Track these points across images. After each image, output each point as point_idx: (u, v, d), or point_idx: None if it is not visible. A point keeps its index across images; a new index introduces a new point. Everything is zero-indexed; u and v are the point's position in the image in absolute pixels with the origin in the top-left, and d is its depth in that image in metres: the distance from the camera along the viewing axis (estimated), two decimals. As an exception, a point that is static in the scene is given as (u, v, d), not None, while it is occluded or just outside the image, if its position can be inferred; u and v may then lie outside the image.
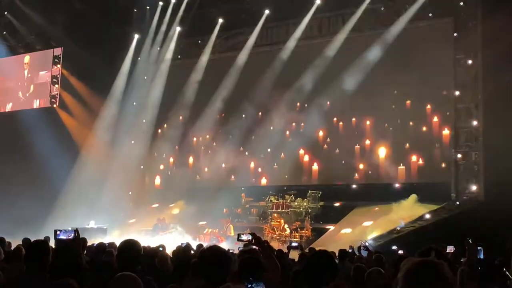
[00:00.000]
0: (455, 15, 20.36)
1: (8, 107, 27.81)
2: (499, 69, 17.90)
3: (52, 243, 6.09)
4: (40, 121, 24.64)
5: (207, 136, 25.80)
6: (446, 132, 20.76)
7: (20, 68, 27.62)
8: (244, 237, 6.09)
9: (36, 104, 26.94)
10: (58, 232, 5.86)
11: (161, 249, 9.73)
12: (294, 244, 11.83)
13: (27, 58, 27.48)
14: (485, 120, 19.17)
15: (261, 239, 5.26)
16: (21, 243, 9.15)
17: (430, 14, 20.88)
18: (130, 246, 4.75)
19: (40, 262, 4.74)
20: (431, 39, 20.71)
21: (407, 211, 19.53)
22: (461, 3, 20.17)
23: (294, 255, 10.95)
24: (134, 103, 25.68)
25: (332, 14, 22.64)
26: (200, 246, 11.32)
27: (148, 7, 24.95)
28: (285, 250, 10.65)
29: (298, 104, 23.43)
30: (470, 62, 19.83)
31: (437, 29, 20.91)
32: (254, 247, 5.28)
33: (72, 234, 5.74)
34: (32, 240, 5.89)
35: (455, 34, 20.32)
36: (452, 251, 9.57)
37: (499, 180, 17.13)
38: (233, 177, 24.85)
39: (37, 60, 27.16)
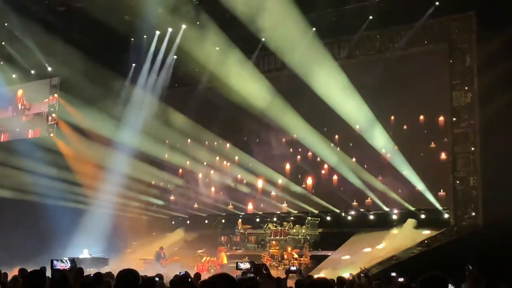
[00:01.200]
0: (450, 41, 20.52)
1: (3, 137, 27.75)
2: (495, 94, 18.01)
3: (48, 273, 6.03)
4: (36, 150, 24.60)
5: (205, 163, 25.74)
6: (443, 157, 20.76)
7: (16, 98, 27.66)
8: (242, 266, 6.00)
9: (32, 133, 26.92)
10: (54, 262, 5.80)
11: (157, 279, 9.63)
12: (293, 268, 11.64)
13: (20, 91, 27.52)
14: (483, 145, 19.20)
15: (259, 267, 5.21)
16: (17, 273, 9.06)
17: (425, 41, 21.05)
18: (128, 275, 4.70)
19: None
20: (426, 65, 20.84)
21: (406, 237, 19.46)
22: (456, 30, 20.36)
23: (292, 283, 10.81)
24: (132, 131, 25.67)
25: (328, 41, 22.78)
26: (197, 275, 11.21)
27: (145, 36, 25.08)
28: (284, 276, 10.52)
29: (295, 130, 23.40)
30: (466, 87, 19.94)
31: (432, 55, 21.06)
32: (252, 275, 5.23)
33: (69, 264, 5.67)
34: (28, 270, 5.83)
35: (450, 60, 20.47)
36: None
37: (498, 205, 17.10)
38: (230, 204, 24.77)
39: (34, 89, 27.18)
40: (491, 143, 18.46)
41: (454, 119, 20.20)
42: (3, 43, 25.77)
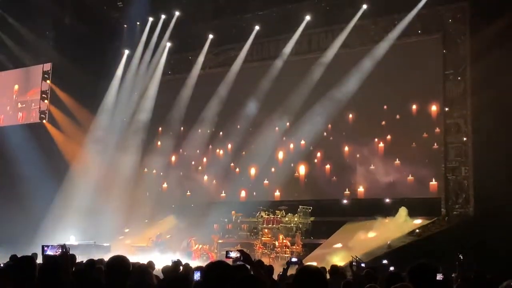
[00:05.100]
0: (444, 31, 20.53)
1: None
2: (488, 84, 18.03)
3: (39, 259, 6.02)
4: (28, 137, 24.46)
5: (197, 151, 25.67)
6: (435, 147, 20.79)
7: (8, 83, 27.48)
8: (232, 254, 5.97)
9: (25, 119, 26.76)
10: (45, 248, 5.77)
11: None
12: (294, 259, 11.60)
13: (16, 86, 27.38)
14: (474, 135, 19.25)
15: (249, 256, 5.21)
16: (8, 260, 9.07)
17: (419, 31, 21.03)
18: (119, 262, 4.68)
19: (27, 278, 4.68)
20: (420, 54, 20.84)
21: (398, 226, 19.52)
22: (450, 20, 20.36)
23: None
24: (124, 119, 25.61)
25: (322, 30, 22.75)
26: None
27: (138, 23, 24.93)
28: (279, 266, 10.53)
29: (288, 119, 23.37)
30: (459, 77, 19.96)
31: (426, 45, 21.04)
32: (242, 263, 5.22)
33: (60, 250, 5.64)
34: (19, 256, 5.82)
35: (443, 50, 20.48)
36: (441, 279, 9.47)
37: (489, 195, 17.17)
38: (223, 192, 24.75)
39: (26, 75, 27.01)
40: (483, 133, 18.51)
41: (446, 109, 20.26)
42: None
